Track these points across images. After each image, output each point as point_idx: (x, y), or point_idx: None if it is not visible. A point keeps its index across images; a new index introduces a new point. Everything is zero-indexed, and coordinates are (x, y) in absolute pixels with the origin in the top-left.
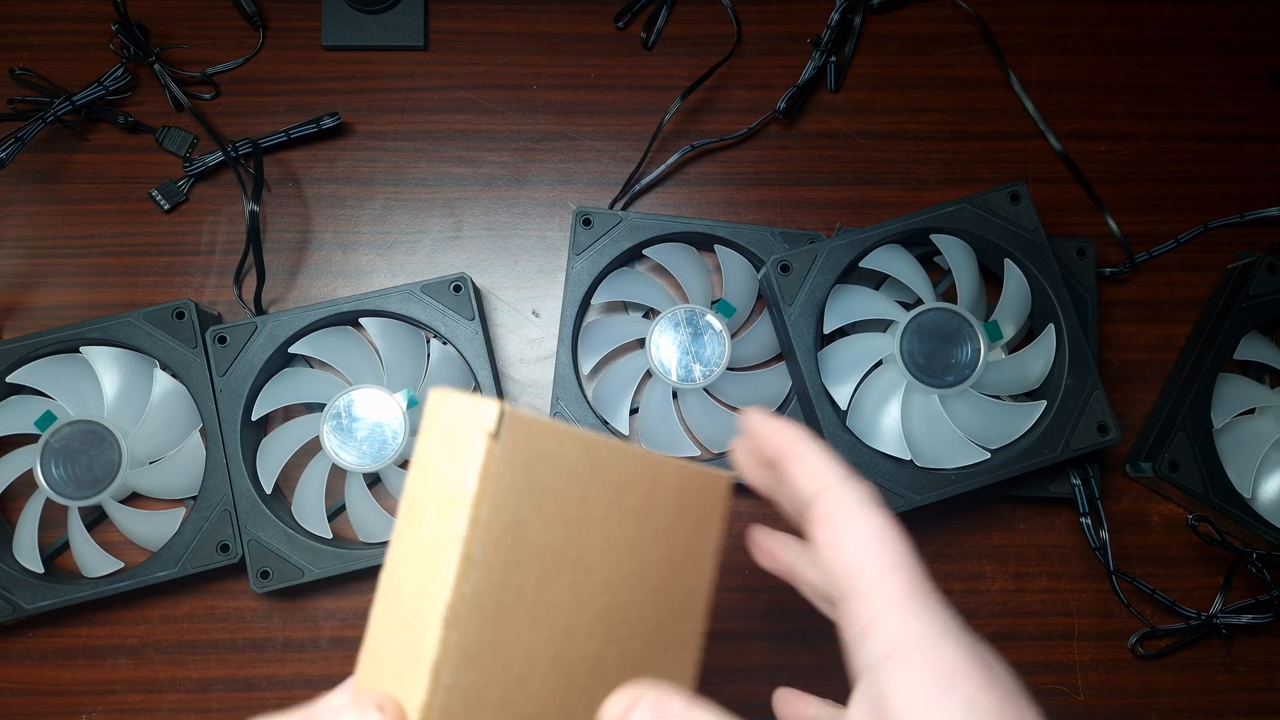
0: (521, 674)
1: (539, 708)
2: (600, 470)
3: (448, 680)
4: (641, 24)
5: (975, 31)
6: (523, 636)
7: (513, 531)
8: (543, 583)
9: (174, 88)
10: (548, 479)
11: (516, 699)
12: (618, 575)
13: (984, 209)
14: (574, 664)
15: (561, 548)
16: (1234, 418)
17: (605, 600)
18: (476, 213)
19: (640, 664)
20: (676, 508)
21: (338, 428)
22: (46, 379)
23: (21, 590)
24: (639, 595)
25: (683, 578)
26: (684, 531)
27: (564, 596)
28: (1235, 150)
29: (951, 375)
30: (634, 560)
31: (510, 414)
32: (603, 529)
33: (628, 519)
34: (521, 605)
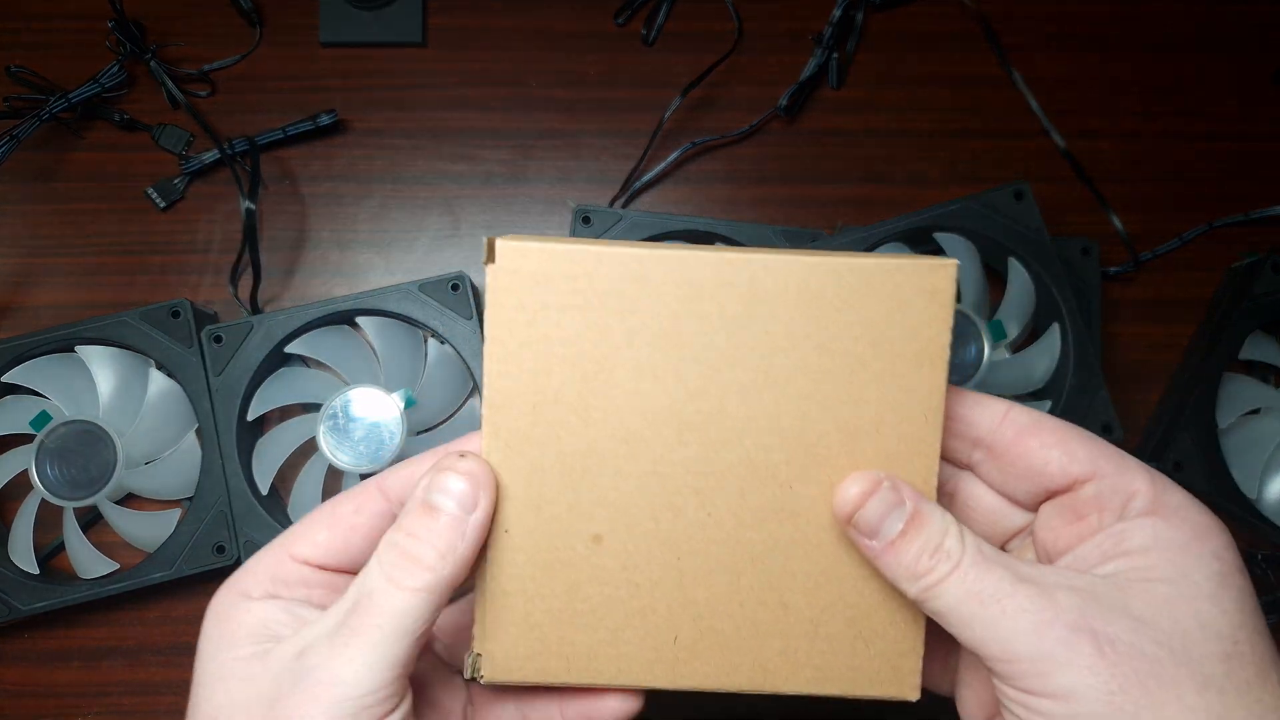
0: (584, 465)
1: (624, 497)
2: (650, 283)
3: (496, 459)
4: (642, 20)
5: (978, 29)
6: (574, 431)
7: (534, 345)
8: (584, 387)
9: (170, 85)
10: (567, 297)
11: (584, 485)
12: (712, 383)
13: (987, 207)
14: (662, 463)
15: (606, 357)
16: (1239, 418)
17: (698, 408)
18: (475, 211)
19: (799, 474)
20: (815, 312)
21: (334, 428)
22: (41, 379)
23: (17, 591)
24: (761, 405)
25: (859, 388)
26: (842, 337)
27: (623, 401)
28: (1240, 149)
29: (955, 375)
30: (739, 370)
31: (502, 244)
32: (669, 338)
33: (713, 326)
34: (558, 405)
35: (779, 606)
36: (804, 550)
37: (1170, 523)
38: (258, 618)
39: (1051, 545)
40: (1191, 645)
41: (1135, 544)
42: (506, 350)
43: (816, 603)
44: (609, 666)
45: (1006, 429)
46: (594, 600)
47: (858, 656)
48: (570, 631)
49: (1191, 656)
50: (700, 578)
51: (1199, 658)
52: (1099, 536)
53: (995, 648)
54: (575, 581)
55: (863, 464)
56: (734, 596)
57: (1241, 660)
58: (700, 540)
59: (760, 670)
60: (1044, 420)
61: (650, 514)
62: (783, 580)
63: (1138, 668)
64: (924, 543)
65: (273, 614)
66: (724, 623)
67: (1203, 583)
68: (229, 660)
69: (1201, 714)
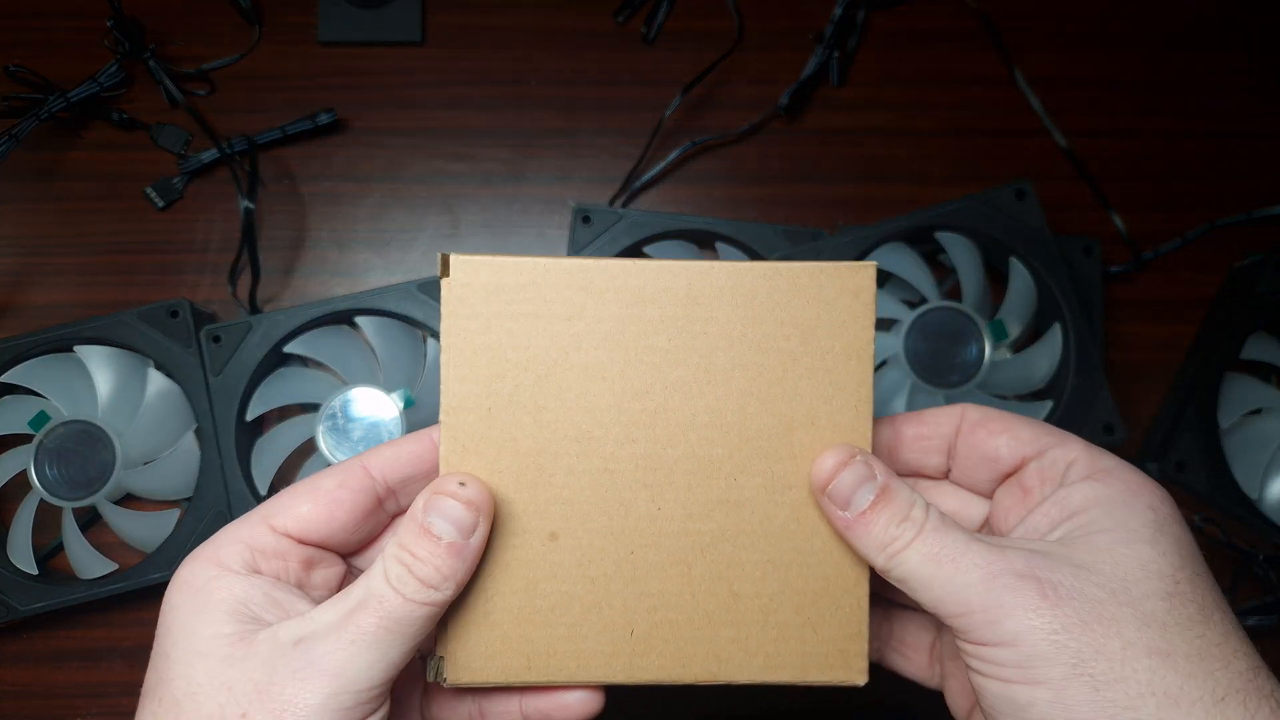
0: (538, 463)
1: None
2: (594, 291)
3: (455, 462)
4: (642, 19)
5: (979, 27)
6: (528, 433)
7: (488, 351)
8: (538, 390)
9: (169, 84)
10: (517, 305)
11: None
12: (656, 383)
13: (989, 206)
14: (613, 461)
15: (556, 361)
16: (1241, 418)
17: (644, 406)
18: (474, 210)
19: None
20: (749, 312)
21: (333, 428)
22: (40, 379)
23: (15, 592)
24: (702, 402)
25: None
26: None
27: (573, 402)
28: (1242, 148)
29: (956, 375)
30: (681, 369)
31: (456, 258)
32: (614, 341)
33: (654, 329)
34: (513, 409)
35: (729, 596)
36: (750, 539)
37: (1105, 482)
38: (236, 595)
39: (1004, 524)
40: (1132, 585)
41: (1076, 504)
42: (462, 357)
43: (765, 591)
44: (569, 663)
45: (964, 426)
46: (552, 597)
47: (807, 643)
48: (530, 629)
49: (1133, 596)
50: (653, 570)
51: (1140, 596)
52: (1045, 505)
53: (950, 603)
54: (533, 579)
55: (799, 454)
56: (686, 587)
57: (1183, 599)
58: (651, 534)
59: (715, 660)
60: (991, 413)
61: (603, 510)
62: (732, 570)
63: (1079, 609)
64: (892, 514)
65: (252, 592)
66: (677, 614)
67: (1140, 529)
68: (209, 637)
69: (1142, 648)
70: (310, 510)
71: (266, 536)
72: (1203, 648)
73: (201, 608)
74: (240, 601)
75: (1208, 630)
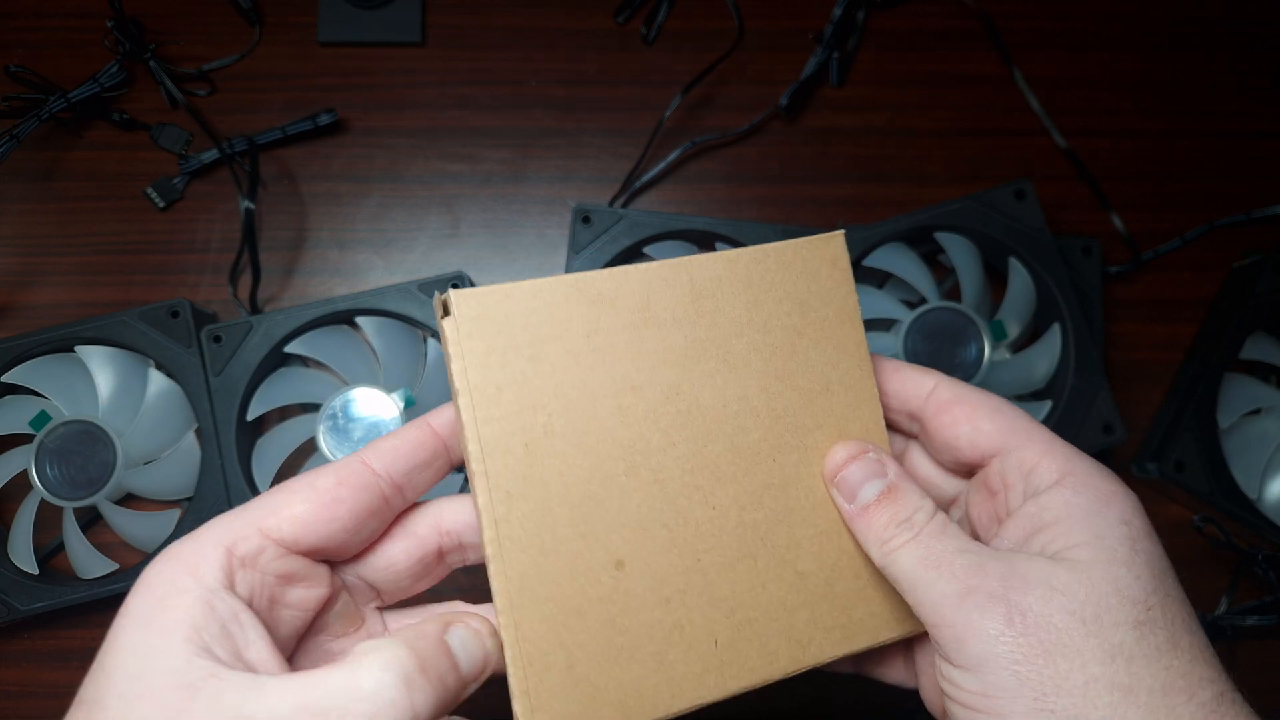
0: (588, 492)
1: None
2: (604, 301)
3: (501, 511)
4: (642, 19)
5: (979, 27)
6: (572, 462)
7: (512, 385)
8: (572, 415)
9: (169, 84)
10: (532, 331)
11: (595, 514)
12: (684, 381)
13: (989, 206)
14: (660, 470)
15: (585, 380)
16: (1240, 418)
17: (677, 408)
18: (474, 210)
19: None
20: (750, 296)
21: (334, 428)
22: (41, 379)
23: (16, 592)
24: (729, 390)
25: (801, 355)
26: (776, 313)
27: (610, 419)
28: (1242, 148)
29: (956, 375)
30: (703, 363)
31: (455, 295)
32: (635, 348)
33: (670, 330)
34: (550, 439)
35: (796, 577)
36: (802, 515)
37: (1076, 489)
38: (194, 618)
39: (977, 520)
40: (1104, 614)
41: (1050, 516)
42: (485, 396)
43: (825, 563)
44: (663, 696)
45: (931, 404)
46: (632, 630)
47: (872, 603)
48: (616, 671)
49: (1103, 625)
50: (722, 572)
51: (1110, 626)
52: (1018, 517)
53: (928, 611)
54: (609, 616)
55: (825, 422)
56: (756, 580)
57: (1153, 626)
58: (712, 535)
59: (798, 646)
60: (964, 396)
61: (661, 523)
62: (792, 550)
63: (1044, 638)
64: (894, 513)
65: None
66: (754, 610)
67: (1116, 548)
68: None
69: (1105, 684)
70: (306, 510)
71: (253, 541)
72: (1168, 680)
73: (155, 625)
74: (195, 628)
75: (1175, 659)
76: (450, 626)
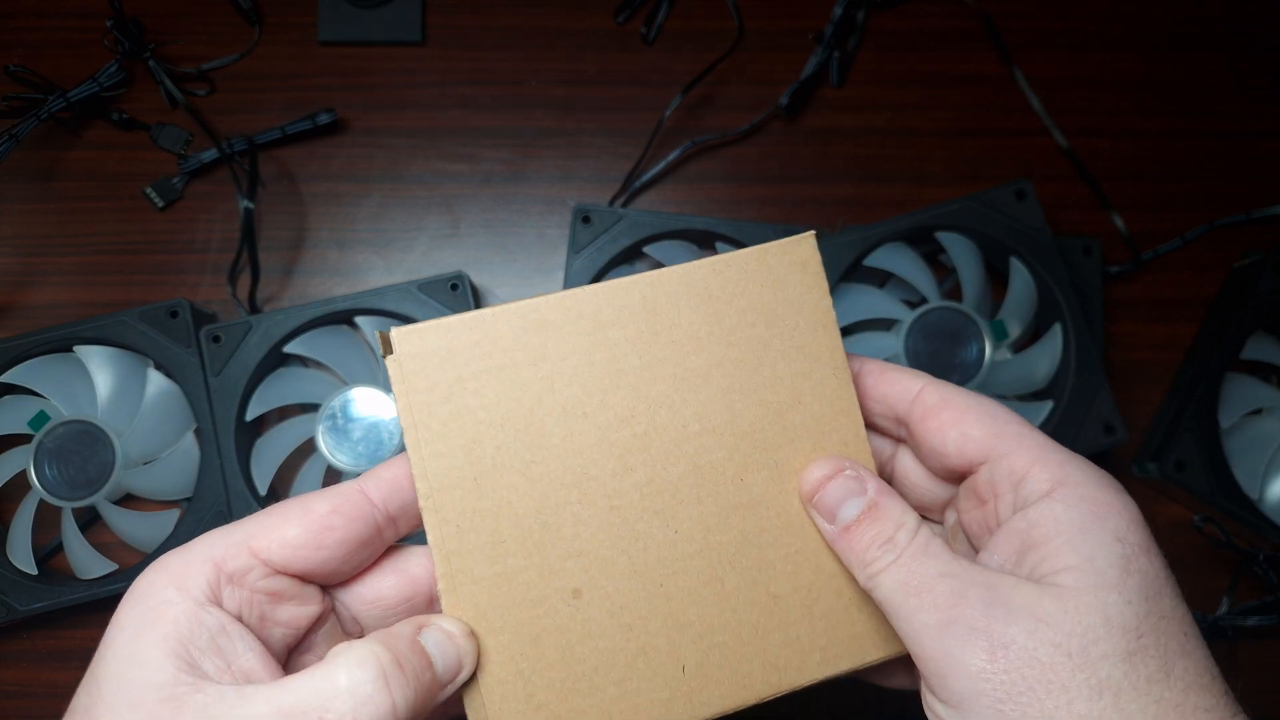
0: (541, 521)
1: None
2: (550, 327)
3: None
4: (642, 19)
5: (979, 27)
6: (522, 493)
7: (457, 419)
8: (520, 445)
9: (169, 84)
10: (476, 364)
11: (548, 543)
12: (638, 404)
13: (989, 206)
14: (616, 496)
15: (532, 409)
16: (1241, 418)
17: (633, 431)
18: (474, 210)
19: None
20: (709, 310)
21: (333, 428)
22: (40, 379)
23: (15, 592)
24: (689, 410)
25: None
26: (738, 325)
27: (560, 447)
28: (1242, 148)
29: (957, 375)
30: (659, 384)
31: (396, 333)
32: (585, 373)
33: (623, 350)
34: (499, 471)
35: (769, 599)
36: (774, 536)
37: (1067, 502)
38: (181, 631)
39: (969, 530)
40: (1091, 645)
41: (1040, 534)
42: (430, 433)
43: (802, 583)
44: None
45: (917, 407)
46: (591, 658)
47: (855, 624)
48: (577, 700)
49: (1090, 658)
50: (688, 596)
51: (1098, 658)
52: (1006, 531)
53: (910, 641)
54: (567, 644)
55: (797, 436)
56: (725, 604)
57: (1144, 655)
58: (675, 559)
59: (773, 670)
60: (952, 399)
61: (620, 550)
62: (764, 572)
63: (1027, 675)
64: (876, 533)
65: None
66: (724, 635)
67: (1107, 570)
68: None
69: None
70: (297, 535)
71: (241, 559)
72: (1159, 714)
73: (144, 637)
74: (182, 641)
75: (1168, 690)
76: (423, 629)
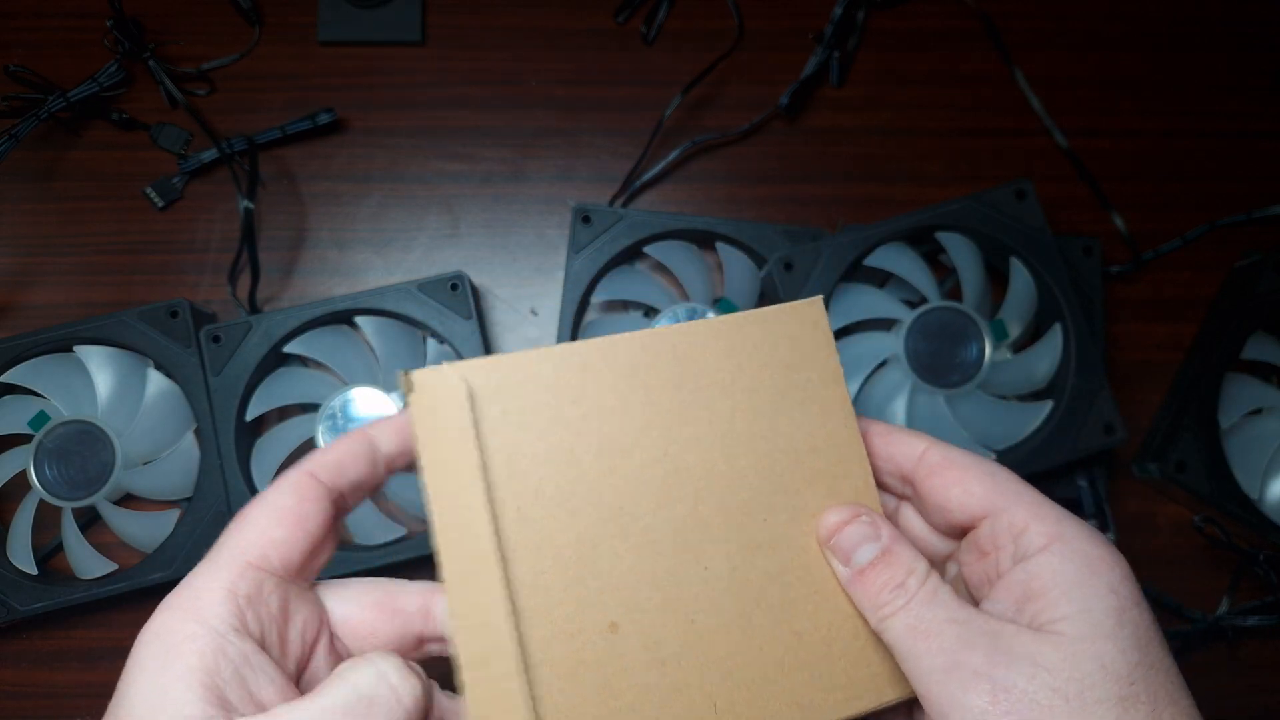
0: (580, 555)
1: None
2: (591, 370)
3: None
4: (642, 18)
5: (979, 27)
6: (563, 525)
7: (501, 452)
8: (562, 480)
9: (169, 84)
10: (521, 400)
11: (587, 576)
12: (671, 443)
13: (989, 206)
14: (651, 531)
15: (573, 446)
16: (1241, 418)
17: (665, 469)
18: (474, 210)
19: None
20: (733, 361)
21: (333, 428)
22: (40, 378)
23: (15, 592)
24: (716, 452)
25: (786, 416)
26: (760, 376)
27: (599, 482)
28: (1242, 148)
29: (957, 375)
30: (690, 425)
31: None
32: (622, 413)
33: (657, 394)
34: (541, 504)
35: (793, 637)
36: (796, 575)
37: (1064, 556)
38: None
39: (970, 581)
40: (1087, 690)
41: (1038, 585)
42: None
43: (823, 622)
44: None
45: (922, 466)
46: (628, 694)
47: (872, 665)
48: None
49: (1086, 702)
50: (718, 633)
51: (1093, 703)
52: (1007, 582)
53: (916, 682)
54: (604, 679)
55: (814, 481)
56: (752, 641)
57: (1136, 702)
58: (706, 596)
59: (798, 709)
60: (955, 459)
61: (654, 585)
62: (788, 611)
63: (1027, 717)
64: (889, 577)
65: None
66: (752, 672)
67: (1103, 620)
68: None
69: None
70: (282, 534)
71: (249, 579)
72: None
73: (168, 674)
74: (208, 672)
75: None
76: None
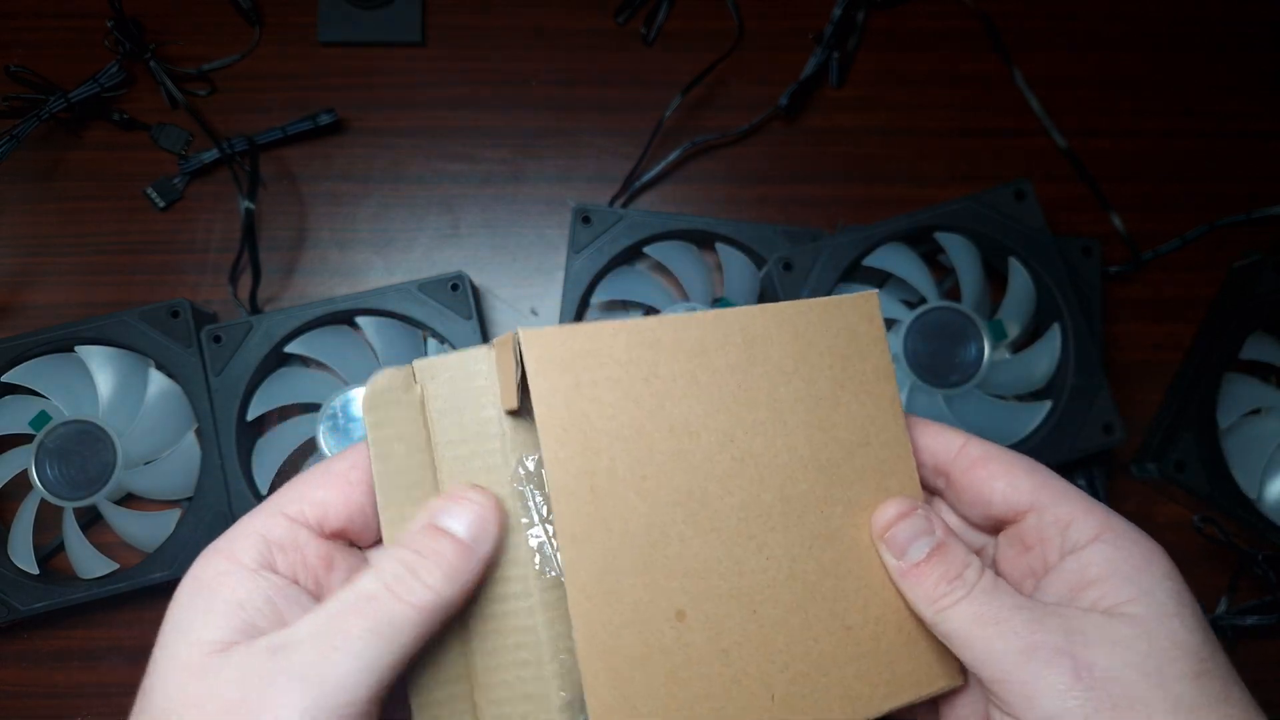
0: (650, 539)
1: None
2: (663, 347)
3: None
4: (642, 19)
5: (979, 27)
6: (634, 507)
7: (576, 425)
8: (633, 458)
9: (169, 84)
10: (594, 373)
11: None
12: (737, 428)
13: (989, 207)
14: (717, 517)
15: (644, 424)
16: (1240, 418)
17: (732, 455)
18: (474, 210)
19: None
20: (797, 348)
21: (334, 428)
22: (41, 379)
23: (16, 592)
24: (779, 439)
25: (843, 407)
26: (820, 365)
27: (669, 464)
28: (1241, 148)
29: (956, 375)
30: (754, 410)
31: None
32: (692, 394)
33: (724, 377)
34: (614, 482)
35: (843, 630)
36: (848, 567)
37: (1116, 545)
38: (239, 595)
39: (1009, 574)
40: (1165, 665)
41: (1094, 573)
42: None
43: (871, 616)
44: None
45: (961, 460)
46: (693, 684)
47: (916, 658)
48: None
49: (1165, 677)
50: (777, 624)
51: (1172, 678)
52: (1060, 571)
53: (990, 668)
54: (671, 669)
55: (865, 475)
56: (808, 633)
57: (1210, 677)
58: (767, 586)
59: (849, 701)
60: (995, 453)
61: (719, 573)
62: (840, 603)
63: (1112, 692)
64: (944, 570)
65: (254, 594)
66: (806, 664)
67: (1166, 602)
68: (192, 644)
69: None
70: (326, 494)
71: (282, 527)
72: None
73: (201, 606)
74: (239, 604)
75: (1231, 709)
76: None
